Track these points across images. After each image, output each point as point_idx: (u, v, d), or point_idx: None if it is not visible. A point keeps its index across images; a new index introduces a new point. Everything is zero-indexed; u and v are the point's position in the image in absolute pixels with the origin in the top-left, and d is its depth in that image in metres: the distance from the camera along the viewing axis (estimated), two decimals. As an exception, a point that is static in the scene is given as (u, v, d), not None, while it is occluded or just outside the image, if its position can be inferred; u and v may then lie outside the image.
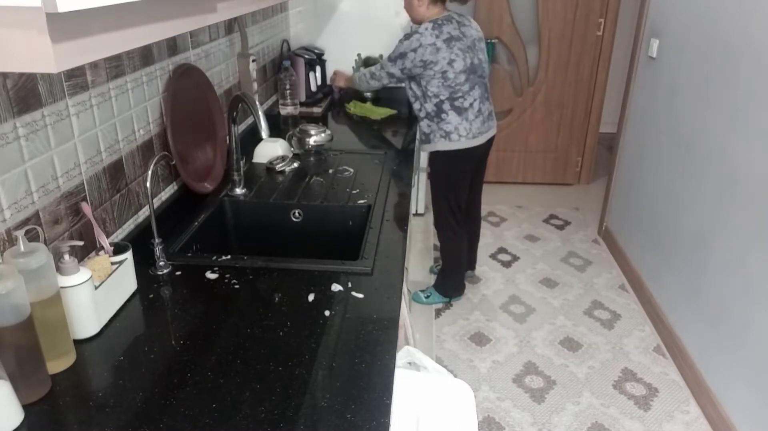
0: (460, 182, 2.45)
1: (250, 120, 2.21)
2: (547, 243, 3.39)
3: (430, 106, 2.25)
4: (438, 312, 2.71)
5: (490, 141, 2.43)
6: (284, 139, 2.00)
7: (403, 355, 1.27)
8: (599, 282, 3.01)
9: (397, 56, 2.19)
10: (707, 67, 2.31)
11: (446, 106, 2.24)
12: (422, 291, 2.76)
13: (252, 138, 2.03)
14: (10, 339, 0.84)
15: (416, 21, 2.24)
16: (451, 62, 2.15)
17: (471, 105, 2.26)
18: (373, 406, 0.88)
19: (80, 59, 0.63)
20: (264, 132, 1.47)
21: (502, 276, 3.04)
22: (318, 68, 2.61)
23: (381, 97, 2.78)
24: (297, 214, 1.63)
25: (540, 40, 3.87)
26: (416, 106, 2.32)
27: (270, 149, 1.92)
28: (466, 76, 2.21)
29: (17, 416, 0.84)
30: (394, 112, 2.61)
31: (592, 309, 2.78)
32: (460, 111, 2.25)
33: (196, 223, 1.48)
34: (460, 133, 2.28)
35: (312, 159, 1.98)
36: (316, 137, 1.99)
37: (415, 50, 2.14)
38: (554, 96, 3.99)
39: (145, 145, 1.41)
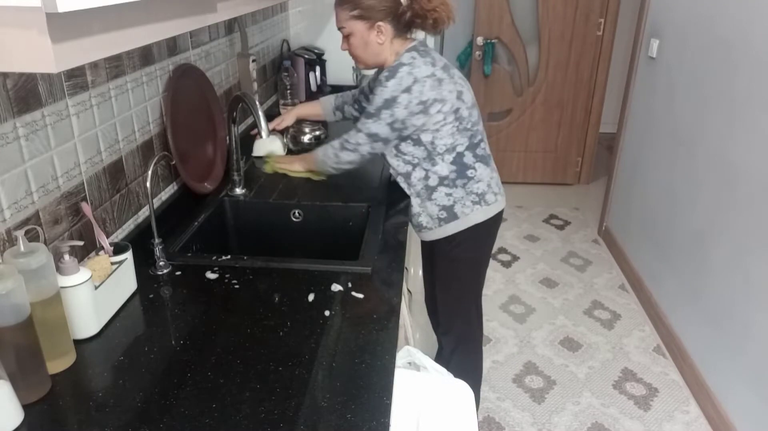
0: (487, 261, 1.79)
1: (250, 120, 2.21)
2: (547, 243, 3.39)
3: (445, 167, 1.56)
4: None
5: None
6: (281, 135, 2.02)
7: (403, 355, 1.27)
8: (599, 282, 3.01)
9: (381, 106, 1.47)
10: (707, 67, 2.31)
11: (469, 158, 1.57)
12: None
13: (253, 137, 2.03)
14: (10, 339, 0.84)
15: (377, 64, 1.59)
16: (459, 95, 1.53)
17: (489, 151, 1.66)
18: (373, 406, 0.88)
19: (80, 59, 0.63)
20: (264, 132, 1.47)
21: (502, 276, 3.04)
22: (318, 68, 2.61)
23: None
24: (297, 214, 1.63)
25: (540, 40, 3.87)
26: (416, 177, 1.59)
27: (266, 145, 1.95)
28: (478, 112, 1.62)
29: (17, 416, 0.84)
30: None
31: (592, 309, 2.78)
32: (486, 160, 1.61)
33: (196, 223, 1.48)
34: (494, 189, 1.63)
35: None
36: (310, 135, 2.01)
37: (409, 89, 1.45)
38: (554, 96, 3.99)
39: (145, 145, 1.41)
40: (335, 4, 1.53)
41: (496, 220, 1.67)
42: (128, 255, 1.14)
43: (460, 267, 1.71)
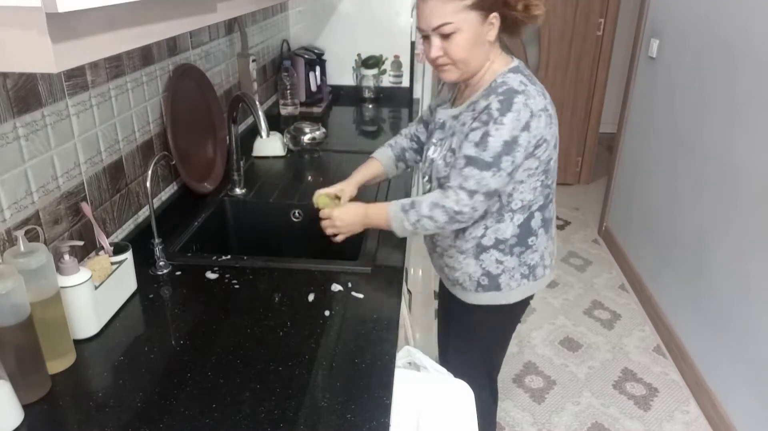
0: (510, 337, 1.55)
1: (250, 120, 2.21)
2: (547, 243, 3.39)
3: (509, 228, 1.27)
4: (438, 312, 2.71)
5: None
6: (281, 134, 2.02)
7: (403, 355, 1.27)
8: (599, 282, 3.01)
9: (500, 152, 1.14)
10: (707, 67, 2.31)
11: (537, 222, 1.30)
12: None
13: (252, 137, 2.03)
14: (10, 339, 0.84)
15: (474, 73, 1.23)
16: (557, 141, 1.25)
17: (554, 211, 1.39)
18: (373, 406, 0.88)
19: (80, 59, 0.63)
20: (264, 132, 1.47)
21: (502, 276, 3.04)
22: (318, 68, 2.61)
23: (381, 96, 2.77)
24: (297, 214, 1.63)
25: (540, 40, 3.87)
26: (471, 233, 1.29)
27: (266, 145, 1.95)
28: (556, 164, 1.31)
29: (17, 416, 0.84)
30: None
31: (592, 309, 2.78)
32: (548, 225, 1.34)
33: (196, 223, 1.48)
34: (545, 261, 1.37)
35: (306, 156, 1.99)
36: (310, 135, 2.00)
37: (527, 126, 1.14)
38: (554, 96, 3.96)
39: (145, 145, 1.41)
40: None
41: (530, 299, 1.43)
42: (128, 255, 1.14)
43: (478, 337, 1.47)
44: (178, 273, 1.25)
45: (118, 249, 1.14)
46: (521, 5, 1.17)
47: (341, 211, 1.30)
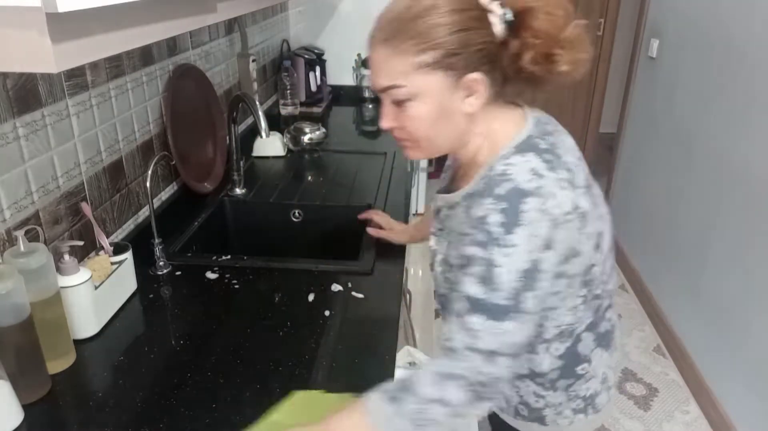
0: None
1: (250, 120, 2.21)
2: (547, 243, 3.39)
3: (547, 361, 0.93)
4: (438, 313, 2.71)
5: None
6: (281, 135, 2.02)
7: (403, 355, 1.27)
8: (599, 282, 3.01)
9: (519, 288, 0.76)
10: (707, 67, 2.31)
11: (587, 344, 0.94)
12: None
13: (252, 137, 2.03)
14: (10, 339, 0.84)
15: (447, 152, 0.91)
16: (599, 241, 0.86)
17: (615, 316, 1.01)
18: (373, 406, 0.88)
19: (80, 59, 0.63)
20: (264, 132, 1.47)
21: (502, 276, 3.04)
22: (318, 68, 2.61)
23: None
24: (297, 214, 1.63)
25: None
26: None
27: (266, 145, 1.95)
28: (611, 262, 0.94)
29: (17, 416, 0.84)
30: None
31: (592, 309, 2.78)
32: (607, 340, 0.98)
33: (196, 223, 1.48)
34: (609, 384, 1.01)
35: (306, 156, 1.99)
36: (310, 135, 2.00)
37: (550, 243, 0.77)
38: (554, 96, 3.99)
39: (145, 145, 1.41)
40: (372, 40, 0.82)
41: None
42: (128, 255, 1.14)
43: None
44: (178, 273, 1.25)
45: (118, 249, 1.14)
46: (529, 57, 0.79)
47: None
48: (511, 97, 0.90)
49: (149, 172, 1.20)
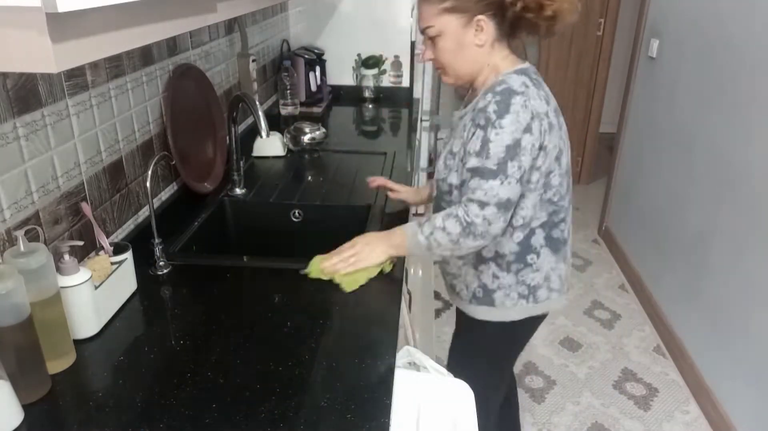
0: (512, 361, 1.52)
1: (250, 120, 2.21)
2: (547, 243, 3.39)
3: (508, 245, 1.23)
4: (438, 312, 2.71)
5: None
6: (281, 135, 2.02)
7: (403, 355, 1.27)
8: (599, 282, 3.01)
9: (504, 157, 1.09)
10: (707, 67, 2.31)
11: (538, 240, 1.23)
12: None
13: (252, 137, 2.03)
14: (10, 339, 0.84)
15: (471, 76, 1.22)
16: (559, 156, 1.19)
17: (568, 233, 1.30)
18: (373, 406, 0.88)
19: (80, 59, 0.63)
20: (264, 132, 1.47)
21: (502, 276, 3.04)
22: (318, 68, 2.61)
23: (381, 96, 2.77)
24: (297, 214, 1.63)
25: (540, 40, 3.87)
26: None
27: (266, 145, 1.95)
28: (569, 181, 1.26)
29: (17, 416, 0.84)
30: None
31: (592, 309, 2.78)
32: (557, 246, 1.26)
33: (196, 223, 1.48)
34: (552, 285, 1.29)
35: (306, 156, 1.99)
36: (310, 135, 2.00)
37: (529, 128, 1.10)
38: (554, 96, 3.99)
39: (145, 145, 1.41)
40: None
41: (537, 320, 1.36)
42: (128, 255, 1.14)
43: (478, 354, 1.42)
44: (178, 273, 1.25)
45: (118, 249, 1.14)
46: (548, 14, 1.11)
47: (361, 236, 1.23)
48: (518, 52, 1.22)
49: (149, 172, 1.20)
